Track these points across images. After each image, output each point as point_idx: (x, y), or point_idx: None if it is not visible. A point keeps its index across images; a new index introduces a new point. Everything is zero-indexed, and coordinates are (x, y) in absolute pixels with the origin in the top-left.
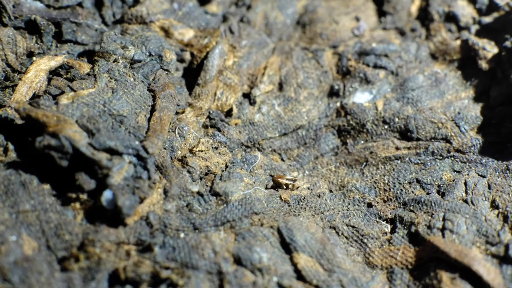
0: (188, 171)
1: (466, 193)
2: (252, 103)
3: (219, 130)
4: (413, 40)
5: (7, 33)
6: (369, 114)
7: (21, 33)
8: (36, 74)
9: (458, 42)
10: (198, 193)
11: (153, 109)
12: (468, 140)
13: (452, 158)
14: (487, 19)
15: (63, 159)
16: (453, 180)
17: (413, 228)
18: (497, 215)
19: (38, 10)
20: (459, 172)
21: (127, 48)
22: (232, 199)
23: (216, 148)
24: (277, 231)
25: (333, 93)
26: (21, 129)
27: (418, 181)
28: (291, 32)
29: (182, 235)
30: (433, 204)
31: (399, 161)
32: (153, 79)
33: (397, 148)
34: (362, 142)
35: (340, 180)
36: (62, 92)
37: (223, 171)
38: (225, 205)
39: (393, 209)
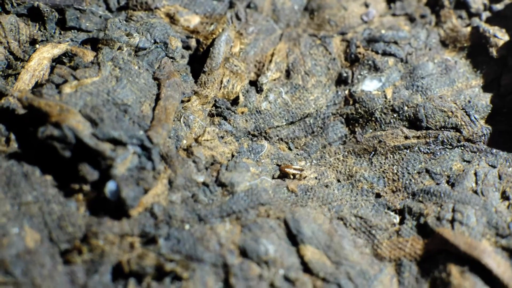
0: (194, 161)
1: (476, 183)
2: (259, 91)
3: (225, 118)
4: (423, 27)
5: (10, 20)
6: (378, 102)
7: (24, 20)
8: (39, 62)
9: (469, 29)
10: (204, 183)
11: (158, 98)
12: (478, 129)
13: (462, 148)
14: (498, 6)
15: (66, 150)
16: (463, 170)
17: (422, 220)
18: (508, 207)
19: None
20: (469, 162)
21: (132, 36)
22: (238, 190)
23: (222, 137)
24: (284, 222)
25: (341, 80)
26: (24, 119)
27: (427, 171)
28: (299, 18)
29: (187, 226)
30: (442, 195)
31: (408, 151)
32: (158, 67)
33: (406, 137)
34: (371, 130)
35: (348, 170)
36: (66, 81)
37: (229, 160)
38: (231, 195)
39: (402, 199)
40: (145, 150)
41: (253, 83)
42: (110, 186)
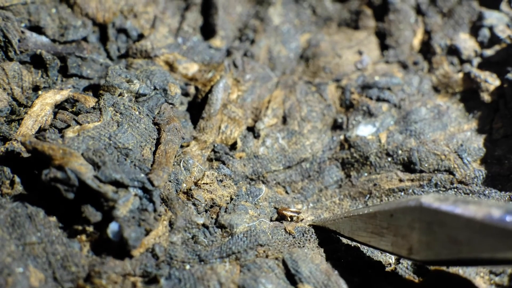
0: (193, 204)
1: None
2: (256, 136)
3: (223, 163)
4: (415, 73)
5: (13, 68)
6: (373, 147)
7: (27, 67)
8: (42, 108)
9: (460, 75)
10: (203, 225)
11: (158, 142)
12: (471, 171)
13: (455, 190)
14: (489, 52)
15: (69, 192)
16: None
17: None
18: None
19: (44, 45)
20: None
21: (132, 82)
22: (237, 231)
23: (221, 181)
24: (282, 262)
25: (336, 126)
26: (28, 162)
27: None
28: (295, 66)
29: (187, 267)
30: None
31: (402, 193)
32: (158, 113)
33: (401, 180)
34: (366, 174)
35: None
36: (68, 126)
37: (228, 203)
38: (230, 237)
39: None
40: (146, 192)
41: (251, 129)
42: (112, 227)
